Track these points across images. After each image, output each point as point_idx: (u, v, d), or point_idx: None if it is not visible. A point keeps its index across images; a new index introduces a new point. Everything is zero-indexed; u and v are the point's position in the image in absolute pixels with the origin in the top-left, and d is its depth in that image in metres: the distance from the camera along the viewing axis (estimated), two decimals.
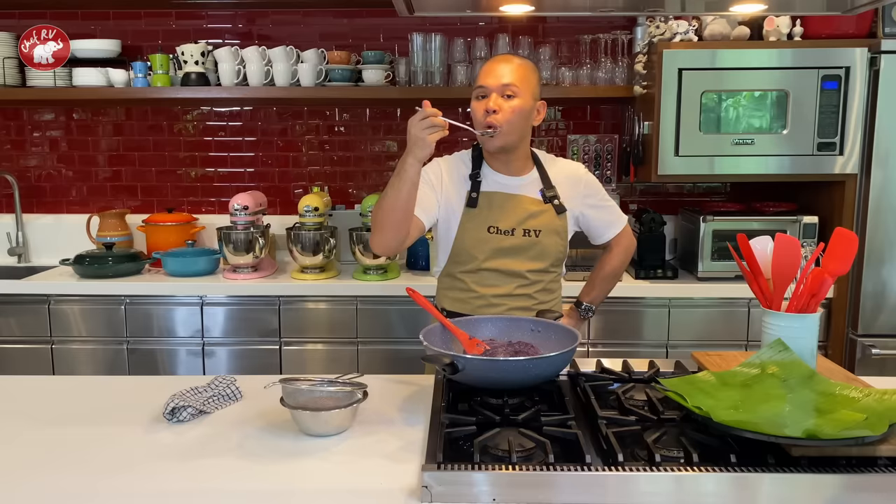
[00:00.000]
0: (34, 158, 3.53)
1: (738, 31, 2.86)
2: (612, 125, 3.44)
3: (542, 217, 1.94)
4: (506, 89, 1.85)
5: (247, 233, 3.01)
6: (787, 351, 1.46)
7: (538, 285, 1.96)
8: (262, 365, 2.94)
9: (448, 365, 1.46)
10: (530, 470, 1.19)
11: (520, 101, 1.86)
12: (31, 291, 2.95)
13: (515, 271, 1.92)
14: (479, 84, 1.89)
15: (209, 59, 3.23)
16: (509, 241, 1.91)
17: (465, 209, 1.92)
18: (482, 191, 1.93)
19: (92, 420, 1.55)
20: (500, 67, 1.88)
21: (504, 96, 1.85)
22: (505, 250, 1.91)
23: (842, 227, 1.54)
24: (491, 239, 1.91)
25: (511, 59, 1.90)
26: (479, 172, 1.95)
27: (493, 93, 1.86)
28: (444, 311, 1.99)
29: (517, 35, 3.21)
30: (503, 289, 1.93)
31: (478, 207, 1.92)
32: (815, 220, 2.91)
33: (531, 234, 1.92)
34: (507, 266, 1.92)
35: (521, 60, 1.92)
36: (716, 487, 1.18)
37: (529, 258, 1.93)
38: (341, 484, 1.27)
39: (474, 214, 1.92)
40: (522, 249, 1.92)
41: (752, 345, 2.88)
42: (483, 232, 1.91)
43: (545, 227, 1.93)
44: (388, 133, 3.49)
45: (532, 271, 1.94)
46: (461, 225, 1.93)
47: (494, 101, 1.85)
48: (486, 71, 1.89)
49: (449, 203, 1.95)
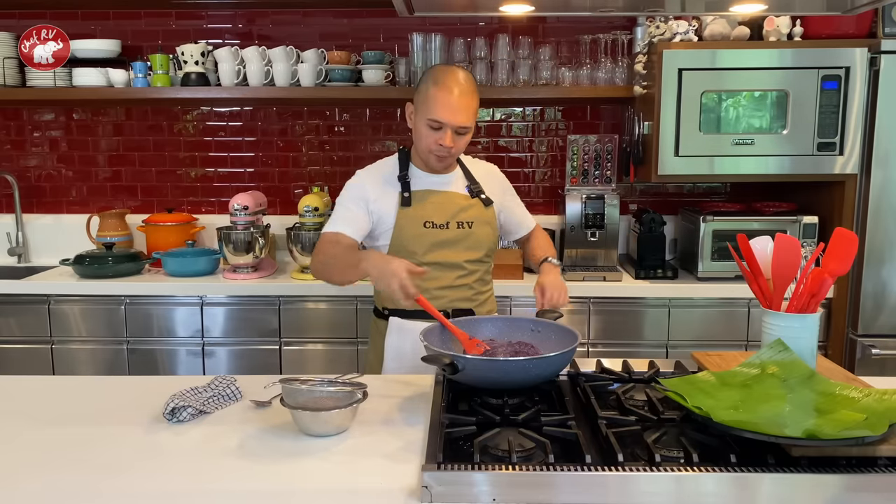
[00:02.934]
0: (34, 158, 3.53)
1: (738, 31, 2.86)
2: (612, 125, 3.44)
3: (472, 210, 2.06)
4: (461, 129, 1.96)
5: (247, 233, 3.01)
6: (787, 351, 1.46)
7: (475, 275, 2.07)
8: (262, 365, 2.94)
9: (448, 365, 1.46)
10: (530, 470, 1.19)
11: (469, 135, 2.00)
12: (31, 291, 2.95)
13: (454, 262, 2.02)
14: (434, 118, 1.93)
15: (209, 59, 3.23)
16: (444, 235, 2.02)
17: (399, 208, 2.01)
18: (413, 190, 2.04)
19: (92, 420, 1.55)
20: (456, 104, 1.92)
21: (457, 133, 1.96)
22: (441, 243, 2.01)
23: (842, 227, 1.54)
24: (427, 233, 2.01)
25: (466, 94, 1.94)
26: (407, 174, 2.06)
27: (449, 130, 1.93)
28: (384, 310, 2.07)
29: (517, 35, 3.20)
30: (443, 281, 2.01)
31: (412, 206, 2.02)
32: (815, 220, 2.91)
33: (464, 226, 2.04)
34: (445, 258, 2.01)
35: (472, 91, 1.96)
36: (716, 487, 1.18)
37: (465, 248, 2.04)
38: (341, 484, 1.27)
39: (409, 212, 2.01)
40: (458, 241, 2.03)
41: (752, 345, 2.88)
42: (419, 227, 2.00)
43: (476, 219, 2.06)
44: (388, 133, 3.49)
45: (469, 261, 2.04)
46: (397, 223, 2.01)
47: (450, 139, 1.94)
48: (444, 104, 1.92)
49: (380, 208, 2.03)
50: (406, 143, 3.47)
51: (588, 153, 3.26)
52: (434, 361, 1.49)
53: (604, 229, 3.12)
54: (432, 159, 2.00)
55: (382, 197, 2.03)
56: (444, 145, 1.94)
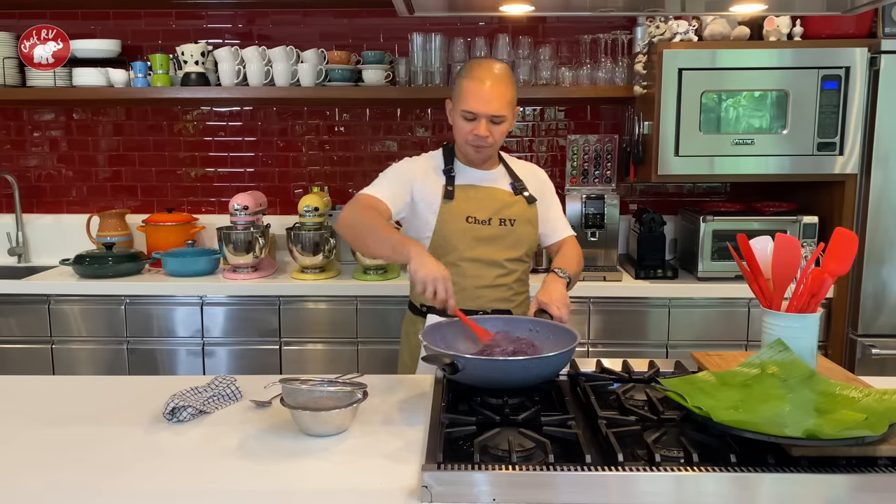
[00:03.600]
0: (34, 158, 3.53)
1: (738, 31, 2.86)
2: (612, 125, 3.44)
3: (515, 207, 2.04)
4: (495, 118, 1.93)
5: (247, 233, 3.01)
6: (787, 351, 1.46)
7: (514, 275, 2.04)
8: (262, 365, 2.94)
9: (448, 365, 1.46)
10: (530, 470, 1.19)
11: (506, 124, 1.97)
12: (31, 291, 2.95)
13: (494, 260, 2.00)
14: (467, 109, 1.92)
15: (209, 59, 3.23)
16: (487, 231, 1.99)
17: (442, 202, 2.00)
18: (457, 184, 2.02)
19: (92, 420, 1.55)
20: (489, 93, 1.90)
21: (492, 122, 1.93)
22: (483, 240, 1.99)
23: (842, 227, 1.54)
24: (469, 229, 1.99)
25: (499, 83, 1.92)
26: (452, 167, 2.04)
27: (483, 119, 1.91)
28: (422, 307, 2.05)
29: (517, 35, 3.21)
30: (484, 279, 1.99)
31: (455, 200, 2.00)
32: (815, 220, 2.91)
33: (506, 223, 2.01)
34: (486, 255, 1.99)
35: (506, 81, 1.94)
36: (716, 487, 1.18)
37: (506, 247, 2.01)
38: (341, 484, 1.27)
39: (452, 206, 2.00)
40: (499, 238, 2.00)
41: (752, 345, 2.88)
42: (462, 222, 1.99)
43: (519, 217, 2.03)
44: (388, 133, 3.49)
45: (509, 260, 2.02)
46: (440, 217, 2.00)
47: (485, 128, 1.92)
48: (476, 94, 1.91)
49: (425, 195, 2.01)
50: (406, 143, 3.48)
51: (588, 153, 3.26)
52: (434, 361, 1.49)
53: (604, 229, 3.12)
54: (470, 150, 1.98)
55: (428, 184, 2.01)
56: (479, 134, 1.92)
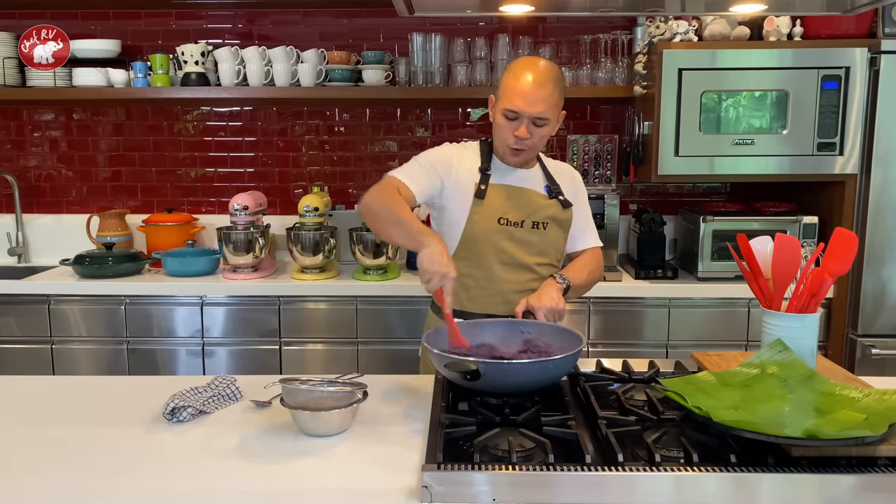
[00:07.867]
0: (34, 158, 3.53)
1: (738, 31, 2.86)
2: (612, 125, 3.44)
3: (549, 210, 1.96)
4: (538, 119, 1.85)
5: (247, 233, 3.01)
6: (787, 351, 1.46)
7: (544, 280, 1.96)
8: (262, 365, 2.94)
9: (472, 371, 1.43)
10: (530, 470, 1.19)
11: (549, 127, 1.89)
12: (31, 291, 2.95)
13: (524, 264, 1.93)
14: (510, 107, 1.83)
15: (209, 59, 3.23)
16: (518, 234, 1.92)
17: (474, 200, 1.92)
18: (491, 183, 1.93)
19: (92, 420, 1.55)
20: (534, 93, 1.82)
21: (534, 124, 1.85)
22: (514, 242, 1.92)
23: (842, 227, 1.54)
24: (501, 230, 1.92)
25: (545, 83, 1.83)
26: (489, 165, 1.95)
27: (525, 120, 1.84)
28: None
29: (517, 35, 3.21)
30: (515, 284, 1.93)
31: (486, 199, 1.92)
32: (815, 221, 2.91)
33: (539, 226, 1.94)
34: (516, 258, 1.92)
35: (553, 82, 1.85)
36: (716, 487, 1.18)
37: (536, 251, 1.95)
38: (341, 484, 1.27)
39: (483, 206, 1.92)
40: (530, 242, 1.94)
41: (752, 345, 2.88)
42: (493, 223, 1.92)
43: (552, 220, 1.96)
44: (388, 133, 3.49)
45: (539, 264, 1.95)
46: (471, 217, 1.92)
47: (526, 129, 1.85)
48: (520, 92, 1.83)
49: (458, 185, 1.93)
50: (406, 143, 3.48)
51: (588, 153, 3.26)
52: (457, 368, 1.46)
53: (604, 229, 3.11)
54: (507, 152, 1.91)
55: (463, 179, 1.93)
56: (520, 136, 1.84)
